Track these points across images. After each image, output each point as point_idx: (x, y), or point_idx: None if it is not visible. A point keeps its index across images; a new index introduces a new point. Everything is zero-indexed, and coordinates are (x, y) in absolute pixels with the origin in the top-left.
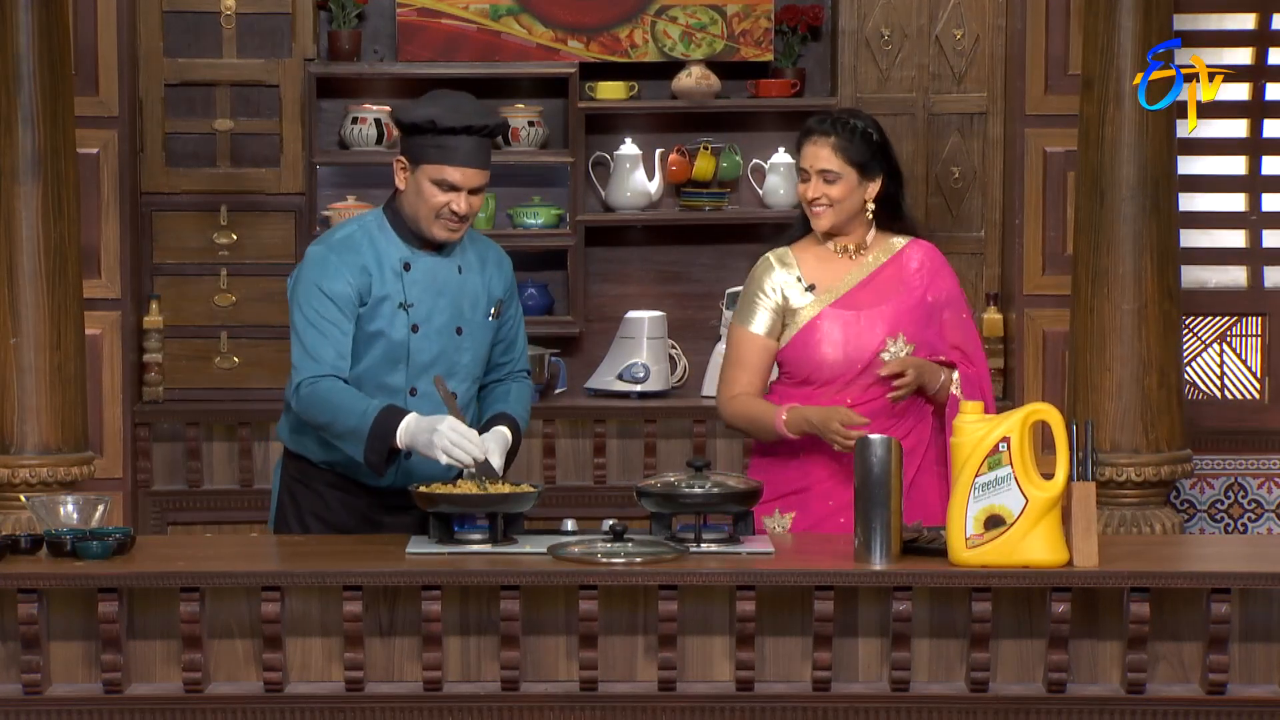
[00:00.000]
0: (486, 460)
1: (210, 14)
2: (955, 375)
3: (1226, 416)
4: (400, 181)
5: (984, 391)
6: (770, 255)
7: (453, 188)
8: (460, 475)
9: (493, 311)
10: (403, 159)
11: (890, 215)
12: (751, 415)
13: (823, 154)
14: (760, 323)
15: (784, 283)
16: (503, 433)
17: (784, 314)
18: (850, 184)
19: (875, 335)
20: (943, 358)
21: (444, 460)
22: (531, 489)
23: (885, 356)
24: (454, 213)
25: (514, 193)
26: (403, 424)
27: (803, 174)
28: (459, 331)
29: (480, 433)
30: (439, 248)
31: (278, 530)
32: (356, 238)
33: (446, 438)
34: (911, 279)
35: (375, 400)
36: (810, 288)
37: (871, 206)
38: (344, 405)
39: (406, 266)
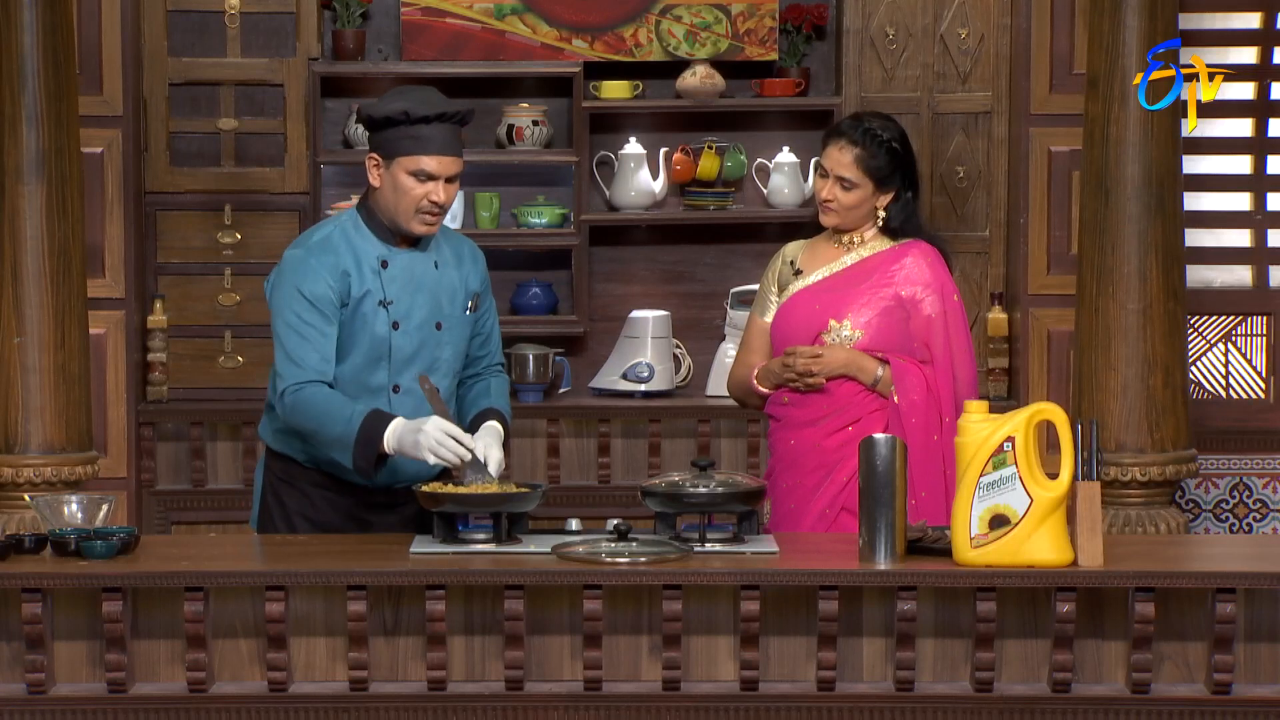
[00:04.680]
0: (474, 458)
1: (215, 13)
2: (886, 373)
3: (1231, 416)
4: (375, 179)
5: (935, 394)
6: (785, 247)
7: (430, 177)
8: (446, 470)
9: (470, 305)
10: (375, 155)
11: (901, 221)
12: (740, 382)
13: (844, 161)
14: (762, 310)
15: (781, 270)
16: (495, 428)
17: (781, 299)
18: (864, 194)
19: (824, 317)
20: (880, 354)
21: (431, 460)
22: (535, 488)
23: (826, 339)
24: (434, 203)
25: (518, 192)
26: (389, 429)
27: (821, 170)
28: (439, 326)
29: (470, 429)
30: (415, 243)
31: (262, 530)
32: (334, 239)
33: (432, 438)
34: (891, 273)
35: (360, 405)
36: (798, 271)
37: (882, 214)
38: (329, 412)
39: (384, 264)
